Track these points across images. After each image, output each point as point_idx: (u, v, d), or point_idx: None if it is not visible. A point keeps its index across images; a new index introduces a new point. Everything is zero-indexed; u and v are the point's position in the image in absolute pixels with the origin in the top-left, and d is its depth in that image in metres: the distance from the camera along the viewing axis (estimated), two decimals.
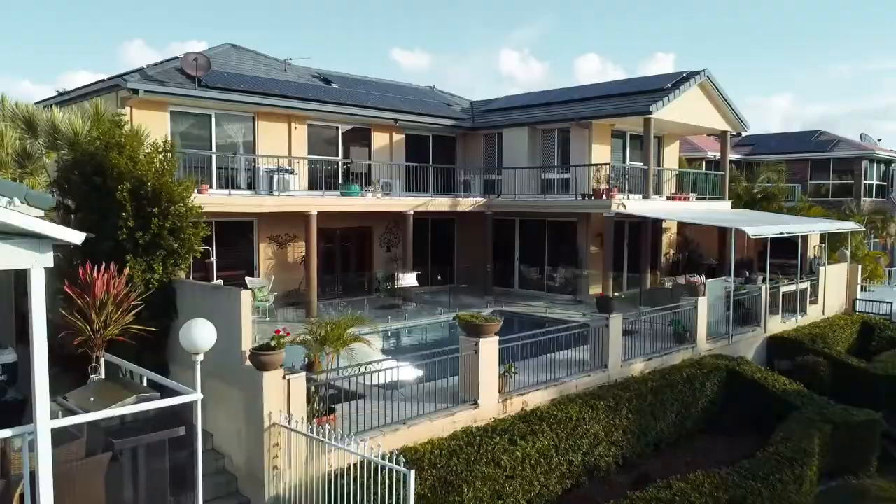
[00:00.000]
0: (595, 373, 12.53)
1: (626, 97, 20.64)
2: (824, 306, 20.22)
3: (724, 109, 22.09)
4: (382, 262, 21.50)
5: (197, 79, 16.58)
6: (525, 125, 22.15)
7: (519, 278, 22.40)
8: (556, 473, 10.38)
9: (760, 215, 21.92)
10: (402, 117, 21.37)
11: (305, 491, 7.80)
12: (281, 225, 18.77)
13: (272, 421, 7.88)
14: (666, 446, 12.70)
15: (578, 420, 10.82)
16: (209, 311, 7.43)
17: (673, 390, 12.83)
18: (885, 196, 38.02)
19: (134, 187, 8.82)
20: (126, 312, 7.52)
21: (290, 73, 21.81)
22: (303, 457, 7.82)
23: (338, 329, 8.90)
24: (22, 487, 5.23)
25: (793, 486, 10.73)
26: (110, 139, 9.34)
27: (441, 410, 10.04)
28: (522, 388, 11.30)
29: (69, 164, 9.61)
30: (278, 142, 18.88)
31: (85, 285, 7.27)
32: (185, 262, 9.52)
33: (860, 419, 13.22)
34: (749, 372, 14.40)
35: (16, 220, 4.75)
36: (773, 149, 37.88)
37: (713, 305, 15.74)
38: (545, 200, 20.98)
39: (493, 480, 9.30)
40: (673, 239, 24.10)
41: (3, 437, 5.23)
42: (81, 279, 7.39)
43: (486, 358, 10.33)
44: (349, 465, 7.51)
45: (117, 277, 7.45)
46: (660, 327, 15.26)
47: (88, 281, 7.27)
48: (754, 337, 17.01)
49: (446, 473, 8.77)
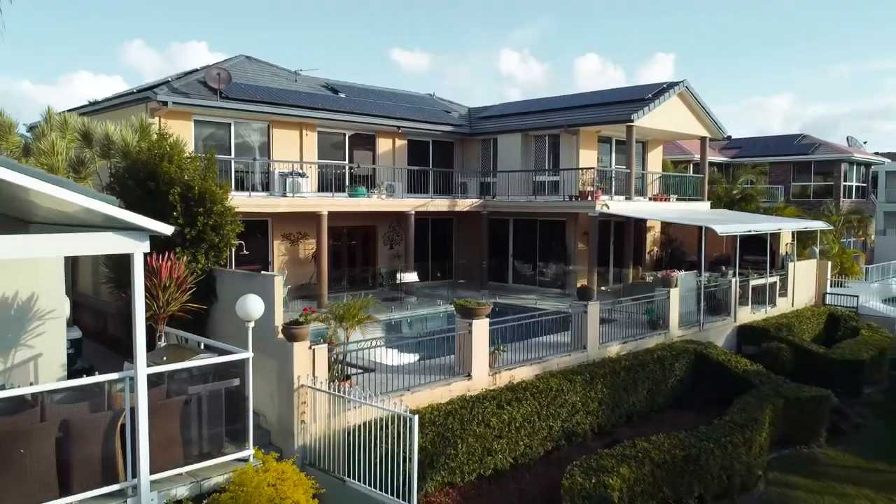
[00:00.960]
0: (575, 353, 14.24)
1: (610, 106, 22.36)
2: (793, 299, 21.93)
3: (703, 117, 23.81)
4: (386, 259, 23.21)
5: (219, 91, 18.28)
6: (518, 131, 23.88)
7: (513, 273, 24.10)
8: (539, 436, 12.10)
9: (735, 215, 23.65)
10: (404, 124, 23.10)
11: (328, 441, 9.50)
12: (293, 224, 20.47)
13: (300, 383, 9.58)
14: (638, 418, 14.41)
15: (558, 391, 12.53)
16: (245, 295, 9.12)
17: (644, 369, 14.54)
18: (865, 197, 39.78)
19: (183, 191, 10.53)
20: (184, 293, 9.23)
21: (301, 83, 23.51)
22: (325, 413, 9.52)
23: (353, 309, 10.62)
24: (123, 418, 6.93)
25: (742, 448, 12.45)
26: (160, 150, 11.06)
27: (439, 381, 11.76)
28: (510, 365, 13.01)
29: (123, 170, 11.31)
30: (291, 147, 20.59)
31: (152, 270, 8.97)
32: (224, 254, 11.24)
33: (810, 395, 14.93)
34: (715, 355, 16.11)
35: (125, 216, 6.47)
36: (758, 152, 39.63)
37: (685, 296, 17.45)
38: (536, 201, 22.71)
39: (483, 438, 11.01)
40: (657, 237, 25.80)
41: (110, 380, 6.95)
42: (149, 265, 9.09)
43: (478, 336, 12.05)
44: (363, 422, 9.20)
45: (178, 264, 9.15)
46: (636, 315, 16.97)
47: (155, 267, 8.96)
48: (725, 325, 18.73)
49: (444, 430, 10.48)
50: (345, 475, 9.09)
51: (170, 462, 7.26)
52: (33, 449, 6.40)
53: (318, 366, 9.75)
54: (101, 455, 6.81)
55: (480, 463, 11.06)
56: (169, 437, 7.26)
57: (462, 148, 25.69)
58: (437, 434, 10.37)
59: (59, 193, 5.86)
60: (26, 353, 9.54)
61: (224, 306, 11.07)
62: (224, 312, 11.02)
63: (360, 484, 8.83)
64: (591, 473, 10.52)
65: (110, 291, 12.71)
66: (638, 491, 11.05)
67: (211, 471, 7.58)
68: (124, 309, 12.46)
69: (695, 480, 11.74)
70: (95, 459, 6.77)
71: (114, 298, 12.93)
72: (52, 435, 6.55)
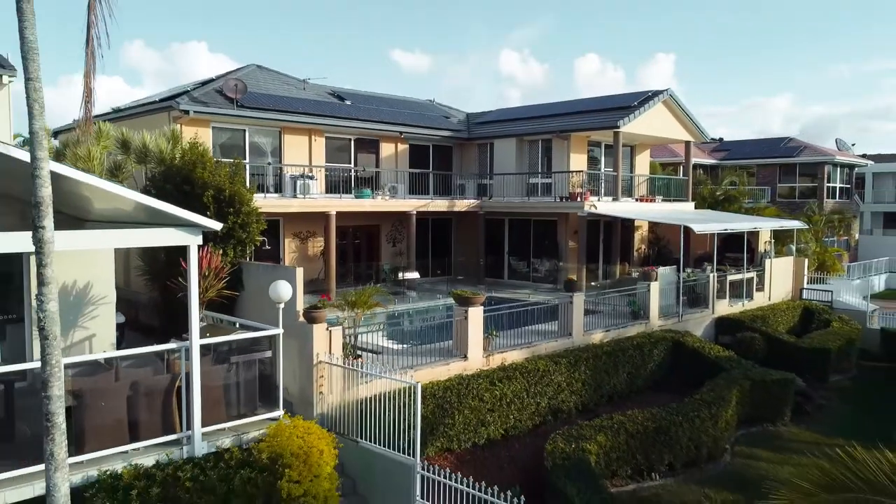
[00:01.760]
0: (561, 339, 15.75)
1: (599, 113, 23.87)
2: (770, 293, 23.45)
3: (686, 122, 25.32)
4: (389, 256, 24.72)
5: (235, 100, 19.79)
6: (513, 136, 25.39)
7: (508, 270, 25.61)
8: (527, 411, 13.60)
9: (716, 215, 25.15)
10: (405, 130, 24.61)
11: (343, 409, 11.00)
12: (302, 223, 21.97)
13: (319, 359, 11.08)
14: (618, 398, 15.90)
15: (545, 372, 14.03)
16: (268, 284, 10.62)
17: (624, 354, 16.04)
18: (849, 198, 41.30)
19: (215, 193, 12.03)
20: (219, 281, 10.74)
21: (309, 91, 25.02)
22: (340, 385, 11.03)
23: (364, 296, 12.13)
24: (179, 381, 8.44)
25: (710, 423, 13.98)
26: (193, 157, 12.58)
27: (439, 361, 13.27)
28: (502, 349, 14.51)
29: (160, 175, 12.83)
30: (301, 151, 22.10)
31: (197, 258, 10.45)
32: (249, 249, 12.75)
33: (776, 378, 16.46)
34: (690, 342, 17.63)
35: (183, 214, 7.98)
36: (746, 154, 41.17)
37: (665, 290, 18.97)
38: (530, 202, 24.23)
39: (477, 411, 12.52)
40: (644, 236, 27.30)
41: (169, 349, 8.47)
42: None
43: (473, 322, 13.56)
44: (374, 394, 10.68)
45: (216, 255, 10.65)
46: (620, 307, 18.48)
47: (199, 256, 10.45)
48: (703, 317, 20.24)
49: (442, 402, 11.99)
50: (358, 437, 10.60)
51: (215, 418, 8.77)
52: (110, 403, 7.91)
53: (334, 345, 11.25)
54: (161, 410, 8.32)
55: (475, 432, 12.57)
56: (215, 399, 8.77)
57: (460, 151, 27.20)
58: (436, 405, 11.87)
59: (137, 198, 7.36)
60: (82, 333, 11.08)
61: (250, 294, 12.59)
62: (250, 299, 12.53)
63: (371, 444, 10.35)
64: (572, 440, 12.06)
65: (145, 283, 14.21)
66: (614, 457, 12.61)
67: (248, 427, 9.08)
68: (158, 298, 14.01)
69: (665, 449, 13.29)
70: (157, 413, 8.28)
71: (147, 289, 14.42)
72: (124, 392, 8.05)
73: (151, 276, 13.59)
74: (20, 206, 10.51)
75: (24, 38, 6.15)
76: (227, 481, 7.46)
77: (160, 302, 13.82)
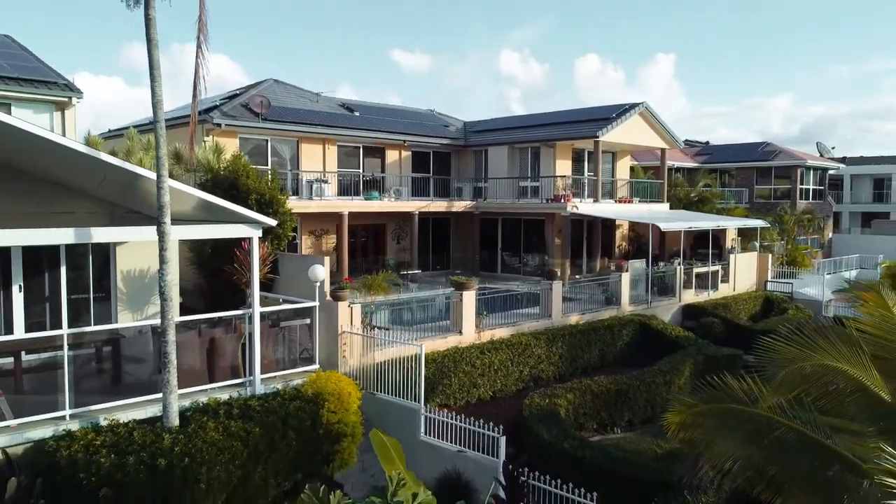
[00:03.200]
0: (542, 320, 18.54)
1: (581, 124, 26.67)
2: (735, 285, 26.25)
3: (661, 131, 28.11)
4: (394, 252, 27.51)
5: (260, 114, 22.59)
6: (505, 144, 28.21)
7: (501, 264, 28.40)
8: (512, 378, 16.39)
9: (687, 214, 27.96)
10: (408, 138, 27.41)
11: (361, 370, 13.78)
12: (317, 222, 24.74)
13: (342, 329, 13.86)
14: (592, 370, 18.64)
15: (527, 345, 16.82)
16: (301, 271, 13.37)
17: (597, 333, 18.83)
18: (822, 199, 44.11)
19: (258, 197, 14.81)
20: (266, 266, 13.52)
21: (322, 103, 27.82)
22: (359, 350, 13.82)
23: (378, 280, 14.94)
24: (244, 339, 11.22)
25: (664, 388, 16.78)
26: (236, 167, 15.39)
27: (438, 336, 16.05)
28: (492, 327, 17.29)
29: (210, 183, 15.60)
30: (316, 158, 24.89)
31: (245, 251, 13.24)
32: (284, 243, 15.55)
33: (725, 353, 19.25)
34: (656, 324, 20.43)
35: (247, 213, 10.77)
36: (726, 158, 43.98)
37: (635, 280, 21.77)
38: (520, 203, 27.02)
39: (469, 375, 15.30)
40: (626, 234, 30.10)
41: (237, 314, 11.27)
42: (243, 247, 13.38)
43: (466, 303, 16.36)
44: (386, 359, 13.45)
45: (263, 246, 13.41)
46: (596, 295, 21.28)
47: (247, 248, 13.24)
48: (671, 304, 23.03)
49: (441, 367, 14.77)
50: (374, 391, 13.40)
51: (269, 369, 11.55)
52: (195, 354, 10.69)
53: (355, 318, 14.05)
54: (230, 360, 11.11)
55: (468, 393, 15.36)
56: (268, 353, 11.56)
57: (458, 157, 30.00)
58: (436, 369, 14.66)
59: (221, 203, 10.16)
60: (154, 308, 13.85)
61: (284, 279, 15.38)
62: (284, 282, 15.31)
63: (385, 395, 13.16)
64: (546, 397, 14.86)
65: (193, 272, 16.99)
66: (581, 412, 15.41)
67: (293, 376, 11.86)
68: (203, 284, 16.77)
69: (625, 408, 16.09)
70: (227, 362, 11.06)
71: (194, 277, 17.20)
72: (204, 346, 10.84)
73: (199, 264, 16.37)
74: (109, 207, 13.40)
75: (154, 92, 8.95)
76: (284, 408, 10.21)
77: (205, 287, 16.58)
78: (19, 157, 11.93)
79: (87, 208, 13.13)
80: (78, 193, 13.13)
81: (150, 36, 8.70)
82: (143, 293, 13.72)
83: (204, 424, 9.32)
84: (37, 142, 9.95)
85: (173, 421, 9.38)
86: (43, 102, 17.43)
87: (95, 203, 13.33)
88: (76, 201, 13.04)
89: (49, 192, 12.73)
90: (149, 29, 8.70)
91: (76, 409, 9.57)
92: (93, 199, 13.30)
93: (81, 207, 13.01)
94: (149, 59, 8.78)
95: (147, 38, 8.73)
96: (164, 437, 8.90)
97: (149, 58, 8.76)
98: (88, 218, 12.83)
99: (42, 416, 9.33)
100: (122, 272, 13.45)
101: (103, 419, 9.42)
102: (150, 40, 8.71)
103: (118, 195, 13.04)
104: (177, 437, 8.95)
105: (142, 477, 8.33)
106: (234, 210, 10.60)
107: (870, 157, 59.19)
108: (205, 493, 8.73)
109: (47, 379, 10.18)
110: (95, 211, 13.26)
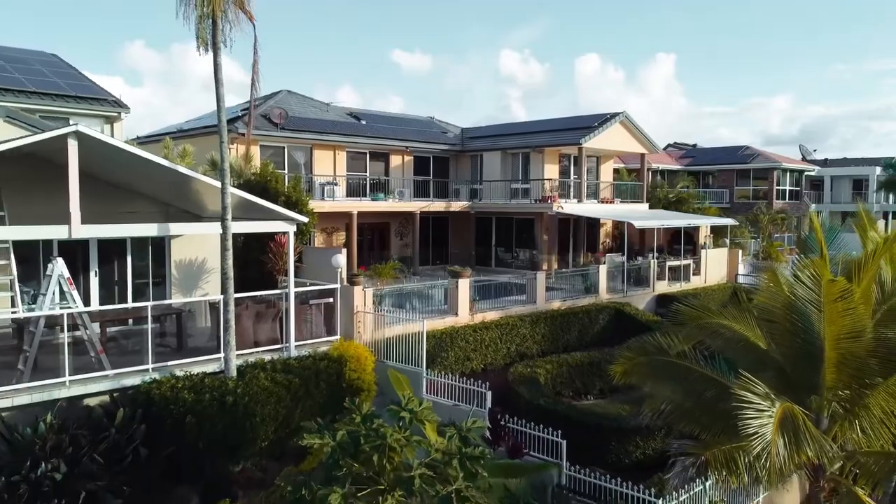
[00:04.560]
0: (527, 305, 21.30)
1: (567, 132, 29.46)
2: (706, 277, 29.00)
3: (640, 137, 30.88)
4: (397, 248, 30.29)
5: (279, 125, 25.37)
6: (499, 150, 31.00)
7: (495, 259, 31.16)
8: (500, 353, 19.14)
9: (662, 213, 30.72)
10: (410, 144, 30.20)
11: (373, 343, 16.51)
12: (328, 221, 27.46)
13: (357, 309, 16.60)
14: (572, 349, 21.29)
15: (514, 326, 19.57)
16: (322, 261, 16.09)
17: (576, 317, 21.58)
18: (798, 199, 46.90)
19: (285, 199, 17.56)
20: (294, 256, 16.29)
21: (331, 112, 30.60)
22: (371, 326, 16.57)
23: (386, 269, 17.69)
24: (281, 313, 13.95)
25: None
26: (265, 173, 18.16)
27: (437, 317, 18.81)
28: (484, 311, 20.04)
29: (242, 186, 18.34)
30: (327, 163, 27.65)
31: (278, 243, 15.99)
32: (306, 237, 18.31)
33: None
34: (629, 310, 23.18)
35: (286, 211, 13.54)
36: (709, 161, 46.82)
37: (612, 271, 24.53)
38: (512, 204, 29.80)
39: (463, 350, 18.05)
40: (609, 231, 32.85)
41: (276, 293, 14.02)
42: (276, 240, 16.13)
43: (462, 290, 19.13)
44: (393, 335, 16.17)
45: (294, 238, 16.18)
46: (577, 285, 24.04)
47: (280, 241, 16.00)
48: (645, 294, 25.78)
49: (440, 342, 17.52)
50: (384, 360, 16.16)
51: (300, 338, 14.30)
52: (244, 324, 13.44)
53: (368, 300, 16.81)
54: (269, 331, 13.86)
55: (462, 365, 18.10)
56: (300, 325, 14.31)
57: (456, 162, 32.77)
58: (436, 343, 17.40)
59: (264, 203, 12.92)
60: (199, 293, 16.63)
61: (308, 267, 18.14)
62: (308, 271, 18.06)
63: (393, 362, 15.92)
64: (528, 367, 17.62)
65: None
66: (559, 381, 18.16)
67: (319, 344, 14.59)
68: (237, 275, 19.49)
69: (597, 378, 18.83)
70: (268, 331, 13.81)
71: None
72: (251, 317, 13.58)
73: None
74: (164, 206, 16.16)
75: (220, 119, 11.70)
76: (316, 365, 12.96)
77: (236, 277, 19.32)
78: (93, 165, 14.68)
79: (146, 208, 15.89)
80: (137, 195, 15.89)
81: (217, 77, 11.43)
82: (192, 279, 16.50)
83: (256, 375, 12.08)
84: (117, 154, 12.69)
85: (232, 373, 12.12)
86: (95, 117, 20.21)
87: (152, 203, 16.08)
88: (137, 202, 15.80)
89: (115, 194, 15.46)
90: (217, 72, 11.44)
91: (156, 363, 12.32)
92: (150, 199, 16.05)
93: (142, 207, 15.77)
94: (216, 96, 11.52)
95: (215, 80, 11.46)
96: (228, 382, 11.66)
97: (216, 95, 11.50)
98: (147, 216, 15.59)
99: (131, 368, 12.08)
100: (175, 261, 16.23)
101: (178, 371, 12.18)
102: (218, 80, 11.44)
103: (172, 197, 15.80)
104: (237, 383, 11.71)
105: (215, 409, 11.09)
106: (276, 210, 13.36)
107: (850, 160, 62.18)
108: (259, 424, 11.49)
109: (122, 346, 13.01)
110: (153, 210, 16.03)
